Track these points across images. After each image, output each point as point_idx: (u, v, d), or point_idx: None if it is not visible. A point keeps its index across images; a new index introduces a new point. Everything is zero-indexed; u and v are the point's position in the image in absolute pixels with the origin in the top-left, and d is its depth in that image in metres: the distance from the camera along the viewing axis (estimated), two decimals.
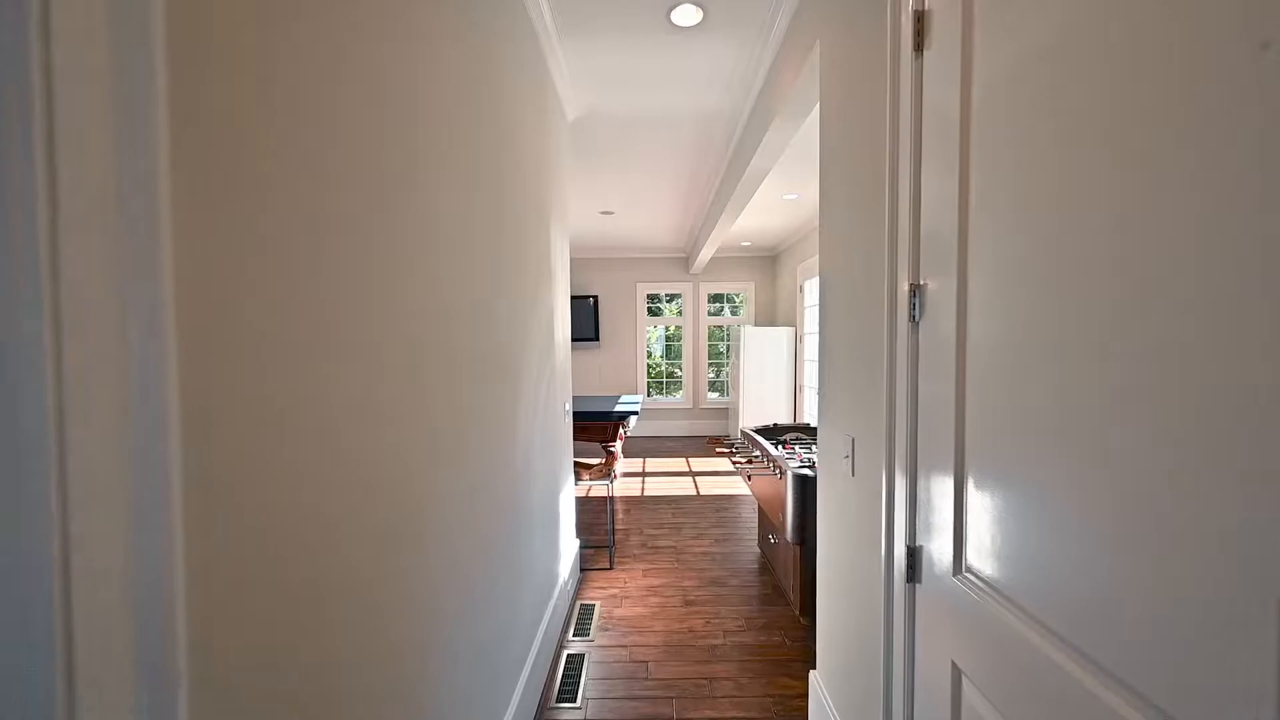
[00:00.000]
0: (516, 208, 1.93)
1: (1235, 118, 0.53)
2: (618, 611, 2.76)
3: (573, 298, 7.33)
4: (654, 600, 2.87)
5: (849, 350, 1.54)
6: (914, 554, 1.16)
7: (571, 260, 7.60)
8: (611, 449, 5.31)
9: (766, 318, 7.76)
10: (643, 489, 5.12)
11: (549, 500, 2.47)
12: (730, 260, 7.69)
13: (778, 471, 2.63)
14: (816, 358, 6.03)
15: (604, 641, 2.49)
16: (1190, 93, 0.57)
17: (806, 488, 2.41)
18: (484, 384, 1.55)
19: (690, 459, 6.32)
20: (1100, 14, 0.68)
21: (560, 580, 2.65)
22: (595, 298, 7.66)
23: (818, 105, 2.01)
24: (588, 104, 2.97)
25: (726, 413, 7.78)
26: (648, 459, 6.36)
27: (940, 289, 1.05)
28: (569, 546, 2.97)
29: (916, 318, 1.14)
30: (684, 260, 7.72)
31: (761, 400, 6.63)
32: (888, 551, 1.25)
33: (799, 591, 2.61)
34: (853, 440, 1.50)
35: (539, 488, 2.25)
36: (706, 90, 2.82)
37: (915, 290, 1.14)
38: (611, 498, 4.41)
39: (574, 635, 2.52)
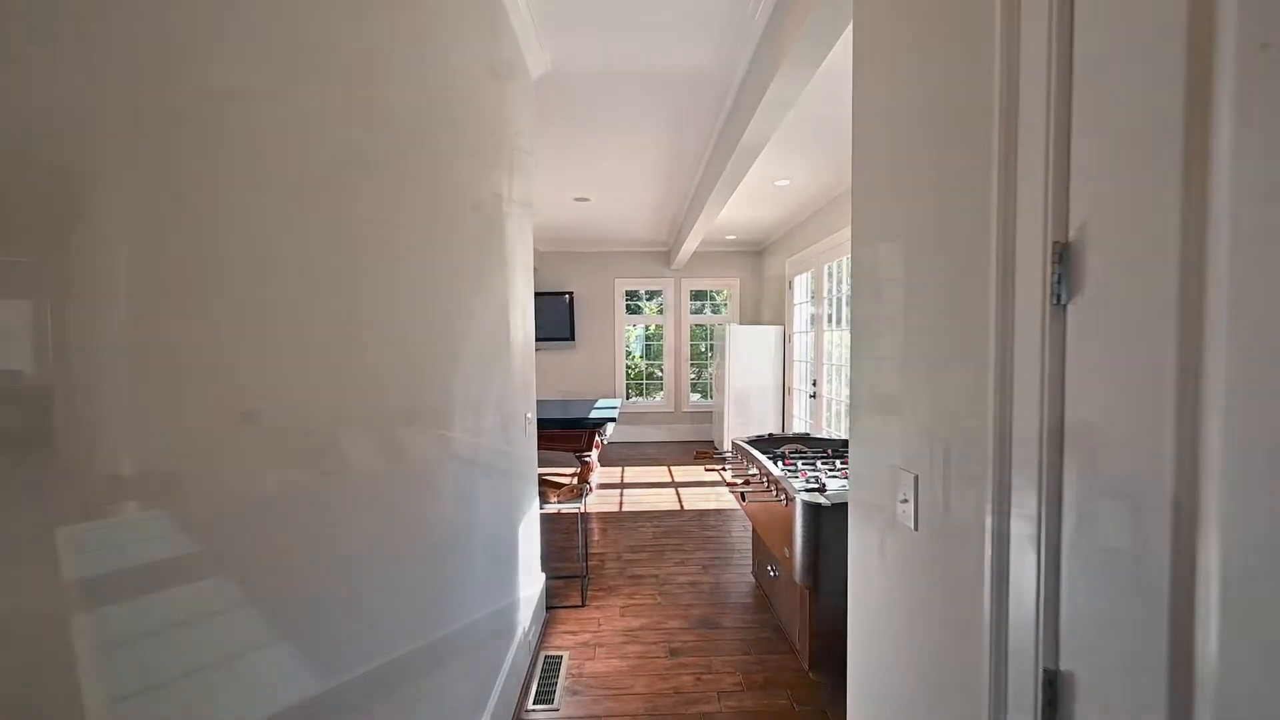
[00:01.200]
0: (435, 162, 1.45)
1: None
2: (590, 665, 2.28)
3: (547, 294, 6.83)
4: (633, 649, 2.40)
5: (910, 348, 1.09)
6: (1055, 682, 0.71)
7: (546, 254, 7.10)
8: (586, 458, 4.82)
9: (751, 316, 7.34)
10: (620, 503, 4.65)
11: (502, 539, 1.99)
12: (714, 255, 7.26)
13: (782, 496, 2.18)
14: (809, 360, 5.64)
15: (572, 710, 2.01)
16: None
17: (820, 519, 1.96)
18: (383, 395, 1.07)
19: (673, 467, 5.86)
20: None
21: (519, 630, 2.17)
22: (570, 294, 7.16)
23: (847, 30, 1.57)
24: (555, 56, 2.48)
25: (710, 416, 7.34)
26: (626, 467, 5.88)
27: (1124, 244, 0.61)
28: (532, 585, 2.48)
29: (1062, 297, 0.69)
30: (665, 254, 7.26)
31: (747, 402, 6.20)
32: (996, 669, 0.80)
33: (807, 640, 2.16)
34: (915, 480, 1.05)
35: (485, 529, 1.77)
36: (696, 38, 2.36)
37: (1061, 251, 0.69)
38: (584, 514, 3.94)
39: (535, 703, 2.04)
